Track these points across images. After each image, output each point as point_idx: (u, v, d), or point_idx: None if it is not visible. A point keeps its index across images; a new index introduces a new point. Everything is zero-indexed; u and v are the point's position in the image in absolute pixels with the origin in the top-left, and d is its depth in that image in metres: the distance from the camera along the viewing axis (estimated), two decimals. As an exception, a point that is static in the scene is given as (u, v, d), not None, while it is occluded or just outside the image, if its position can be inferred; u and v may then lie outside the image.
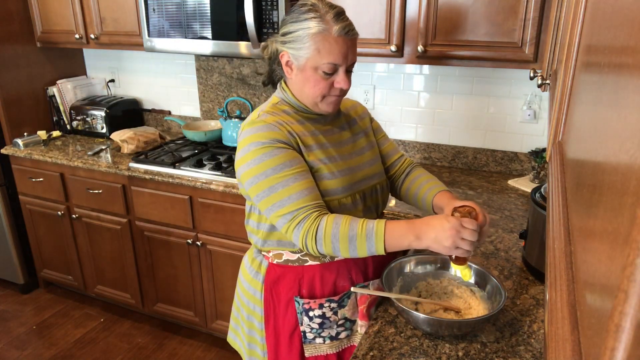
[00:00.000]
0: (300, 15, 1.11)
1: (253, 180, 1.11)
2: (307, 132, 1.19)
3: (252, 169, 1.10)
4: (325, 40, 1.08)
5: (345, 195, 1.18)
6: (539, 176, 2.05)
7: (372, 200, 1.27)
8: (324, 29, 1.08)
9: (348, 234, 1.05)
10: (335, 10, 1.10)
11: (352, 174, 1.22)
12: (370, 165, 1.28)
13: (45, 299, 2.97)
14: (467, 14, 1.79)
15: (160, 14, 2.29)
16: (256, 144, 1.10)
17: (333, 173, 1.17)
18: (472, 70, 2.17)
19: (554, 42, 1.19)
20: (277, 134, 1.12)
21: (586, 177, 0.41)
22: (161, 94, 2.98)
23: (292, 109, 1.21)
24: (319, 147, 1.18)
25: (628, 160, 0.25)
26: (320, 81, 1.13)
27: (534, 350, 1.10)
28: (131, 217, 2.48)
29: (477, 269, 1.27)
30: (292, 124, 1.17)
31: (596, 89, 0.43)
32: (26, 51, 2.78)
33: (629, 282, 0.22)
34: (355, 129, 1.31)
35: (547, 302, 0.44)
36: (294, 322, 1.24)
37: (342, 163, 1.21)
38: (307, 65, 1.12)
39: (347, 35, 1.10)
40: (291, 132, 1.15)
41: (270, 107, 1.20)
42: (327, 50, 1.09)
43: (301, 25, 1.10)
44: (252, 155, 1.10)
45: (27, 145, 2.67)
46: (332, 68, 1.11)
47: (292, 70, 1.16)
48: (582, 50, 0.61)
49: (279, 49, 1.16)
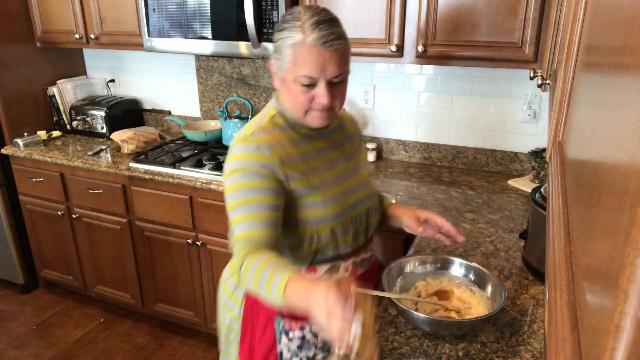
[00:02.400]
0: (282, 24, 1.06)
1: (228, 197, 1.09)
2: (301, 154, 1.13)
3: (230, 186, 1.08)
4: (300, 50, 1.02)
5: (337, 223, 1.14)
6: (539, 176, 2.05)
7: (362, 225, 1.22)
8: (299, 39, 1.02)
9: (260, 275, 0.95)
10: (315, 19, 1.02)
11: (345, 199, 1.17)
12: (362, 187, 1.23)
13: (45, 299, 2.97)
14: (467, 14, 1.79)
15: (160, 14, 2.29)
16: (240, 163, 1.07)
17: (325, 200, 1.13)
18: (472, 70, 2.17)
19: (554, 42, 1.19)
20: (265, 157, 1.07)
21: (586, 177, 0.41)
22: (161, 94, 2.98)
23: (287, 123, 1.15)
24: (312, 171, 1.13)
25: (628, 160, 0.25)
26: (299, 94, 1.06)
27: (534, 350, 1.10)
28: (131, 217, 2.48)
29: (477, 268, 1.27)
30: (287, 145, 1.11)
31: (596, 89, 0.43)
32: (26, 51, 2.78)
33: (629, 282, 0.22)
34: (350, 147, 1.26)
35: (547, 302, 0.44)
36: (272, 341, 1.19)
37: (336, 188, 1.16)
38: (287, 77, 1.07)
39: (323, 45, 1.01)
40: (282, 158, 1.09)
41: (267, 122, 1.13)
42: (302, 61, 1.03)
43: (282, 35, 1.05)
44: (233, 173, 1.07)
45: (27, 145, 2.67)
46: (309, 80, 1.04)
47: (277, 80, 1.12)
48: (582, 50, 0.61)
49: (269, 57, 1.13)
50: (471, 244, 1.59)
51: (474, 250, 1.55)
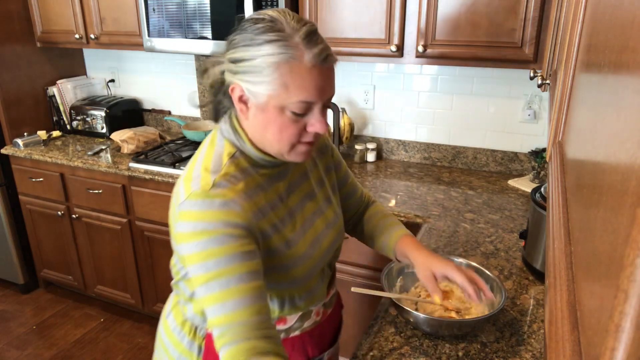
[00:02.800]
0: (256, 37, 0.81)
1: (193, 269, 0.85)
2: (272, 202, 0.93)
3: (194, 255, 0.83)
4: (295, 72, 0.81)
5: (311, 280, 1.00)
6: (539, 176, 2.05)
7: (329, 265, 1.10)
8: (292, 56, 0.80)
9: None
10: (305, 29, 0.82)
11: (317, 249, 1.00)
12: (334, 224, 1.06)
13: (45, 299, 2.97)
14: (467, 13, 1.79)
15: (160, 14, 2.29)
16: (203, 225, 0.82)
17: (298, 259, 0.94)
18: (472, 70, 2.17)
19: (554, 42, 1.19)
20: (236, 215, 0.84)
21: (586, 177, 0.41)
22: (161, 94, 2.98)
23: (253, 165, 0.92)
24: (282, 224, 0.94)
25: (628, 160, 0.25)
26: (288, 125, 0.85)
27: (534, 350, 1.10)
28: (131, 217, 2.48)
29: (477, 268, 1.27)
30: (255, 194, 0.89)
31: (596, 89, 0.43)
32: (26, 51, 2.78)
33: (629, 282, 0.22)
34: (316, 174, 1.06)
35: (547, 302, 0.44)
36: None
37: (311, 233, 0.99)
38: (269, 105, 0.83)
39: (323, 63, 0.82)
40: (255, 213, 0.87)
41: (229, 166, 0.88)
42: (297, 85, 0.81)
43: (259, 51, 0.80)
44: (197, 237, 0.83)
45: (27, 145, 2.67)
46: (304, 108, 0.84)
47: (247, 108, 0.86)
48: (582, 50, 0.61)
49: (229, 80, 0.86)
50: (471, 244, 1.59)
51: (474, 250, 1.55)
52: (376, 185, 2.09)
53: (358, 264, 1.94)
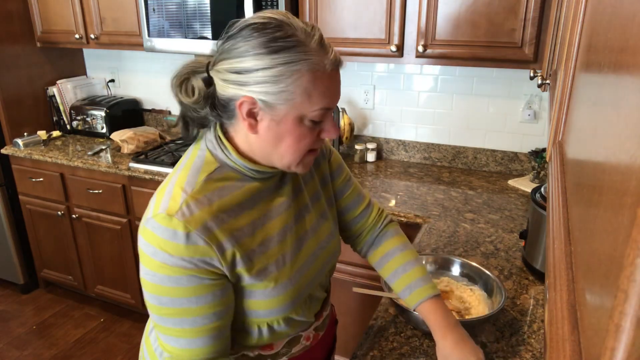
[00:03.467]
0: (268, 43, 0.74)
1: (146, 293, 0.80)
2: (254, 222, 0.84)
3: (148, 283, 0.79)
4: (318, 79, 0.76)
5: (294, 309, 0.90)
6: (539, 176, 2.05)
7: (322, 287, 1.01)
8: (314, 63, 0.75)
9: None
10: (317, 33, 0.78)
11: (303, 275, 0.90)
12: (327, 243, 0.97)
13: (45, 299, 2.97)
14: (467, 13, 1.79)
15: (160, 13, 2.29)
16: (163, 257, 0.76)
17: (281, 285, 0.85)
18: (472, 70, 2.17)
19: (554, 42, 1.19)
20: (199, 251, 0.76)
21: (586, 177, 0.41)
22: (161, 94, 2.98)
23: (238, 180, 0.84)
24: (268, 245, 0.85)
25: (628, 160, 0.25)
26: (306, 134, 0.80)
27: (534, 350, 1.10)
28: (131, 217, 2.48)
29: (477, 268, 1.27)
30: (230, 215, 0.80)
31: (596, 89, 0.43)
32: (26, 51, 2.78)
33: (629, 282, 0.22)
34: (312, 187, 0.98)
35: (547, 302, 0.44)
36: None
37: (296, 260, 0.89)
38: (289, 116, 0.77)
39: (338, 67, 0.80)
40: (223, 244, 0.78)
41: (203, 185, 0.80)
42: (320, 92, 0.76)
43: (276, 59, 0.74)
44: (154, 267, 0.77)
45: (27, 145, 2.67)
46: (323, 115, 0.79)
47: (257, 122, 0.79)
48: (582, 50, 0.61)
49: (234, 93, 0.77)
50: (471, 244, 1.59)
51: (474, 250, 1.55)
52: (376, 185, 2.09)
53: (358, 264, 1.94)
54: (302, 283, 0.90)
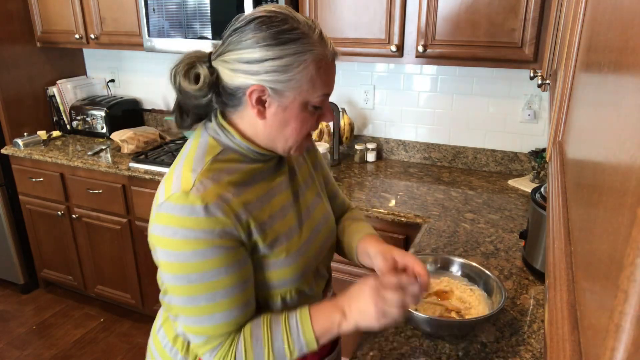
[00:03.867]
0: (276, 35, 0.80)
1: (171, 278, 0.82)
2: (259, 200, 0.89)
3: (174, 264, 0.80)
4: (321, 68, 0.83)
5: (303, 281, 0.95)
6: (539, 176, 2.05)
7: (325, 263, 1.06)
8: (318, 53, 0.83)
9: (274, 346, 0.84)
10: (318, 27, 0.86)
11: (308, 249, 0.96)
12: (326, 220, 1.04)
13: (45, 299, 2.97)
14: (467, 13, 1.79)
15: (160, 13, 2.29)
16: (185, 234, 0.78)
17: (290, 257, 0.91)
18: (472, 70, 2.17)
19: (554, 42, 1.19)
20: (220, 222, 0.79)
21: (586, 177, 0.41)
22: (161, 94, 2.98)
23: (241, 162, 0.89)
24: (272, 220, 0.90)
25: (628, 160, 0.25)
26: (308, 119, 0.87)
27: (534, 350, 1.10)
28: (131, 217, 2.48)
29: (477, 268, 1.27)
30: (241, 191, 0.85)
31: (596, 89, 0.43)
32: (26, 51, 2.78)
33: (629, 282, 0.22)
34: (305, 170, 1.04)
35: (547, 302, 0.44)
36: None
37: (302, 233, 0.95)
38: (295, 102, 0.84)
39: (335, 58, 0.88)
40: (239, 214, 0.82)
41: (210, 165, 0.84)
42: (322, 80, 0.85)
43: (285, 50, 0.80)
44: (177, 247, 0.79)
45: (27, 145, 2.67)
46: (323, 100, 0.88)
47: (265, 109, 0.85)
48: (582, 50, 0.61)
49: (244, 82, 0.83)
50: (471, 244, 1.59)
51: (474, 250, 1.55)
52: (376, 185, 2.09)
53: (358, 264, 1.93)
54: (309, 255, 0.96)
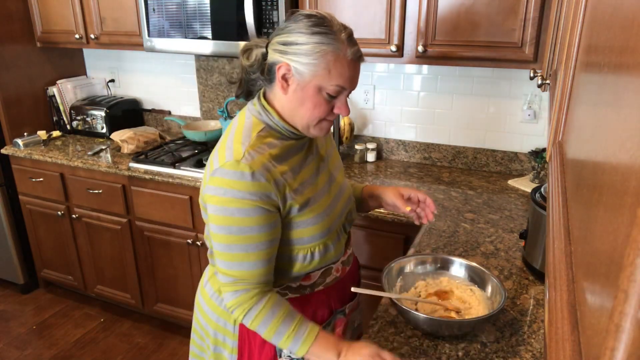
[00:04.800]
0: (310, 27, 0.99)
1: (216, 227, 1.03)
2: (292, 170, 1.08)
3: (220, 217, 1.01)
4: (338, 61, 1.00)
5: (329, 237, 1.13)
6: (539, 176, 2.05)
7: (344, 229, 1.23)
8: (338, 48, 0.99)
9: (278, 328, 1.03)
10: (348, 31, 1.02)
11: (333, 209, 1.16)
12: (343, 190, 1.23)
13: (45, 299, 2.97)
14: (467, 14, 1.79)
15: (160, 13, 2.29)
16: (234, 193, 0.98)
17: (319, 215, 1.10)
18: (472, 70, 2.17)
19: (554, 42, 1.19)
20: (262, 186, 0.99)
21: (586, 177, 0.41)
22: (161, 94, 2.98)
23: (278, 137, 1.08)
24: (304, 186, 1.09)
25: (628, 160, 0.25)
26: (322, 103, 1.03)
27: (534, 350, 1.10)
28: (131, 217, 2.48)
29: (477, 268, 1.27)
30: (278, 163, 1.04)
31: (596, 89, 0.43)
32: (26, 51, 2.78)
33: (629, 282, 0.22)
34: (323, 151, 1.22)
35: (547, 302, 0.44)
36: (272, 355, 1.17)
37: (325, 198, 1.14)
38: (311, 84, 1.01)
39: (358, 60, 1.04)
40: (278, 180, 1.02)
41: (256, 140, 1.04)
42: (338, 72, 1.00)
43: (312, 39, 0.99)
44: (225, 203, 0.99)
45: (27, 145, 2.67)
46: (338, 91, 1.03)
47: (288, 85, 1.03)
48: (582, 50, 0.61)
49: (277, 59, 1.02)
50: (471, 244, 1.59)
51: (474, 250, 1.55)
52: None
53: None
54: (333, 216, 1.15)
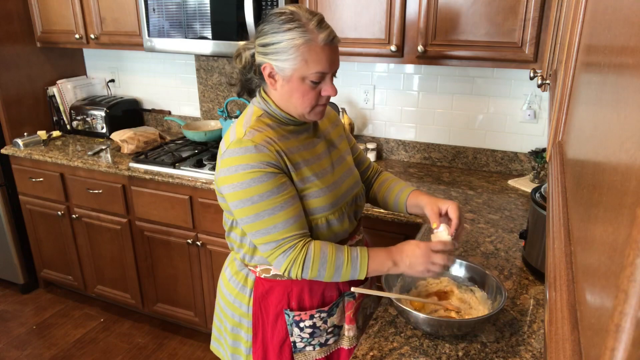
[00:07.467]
0: (281, 26, 1.07)
1: (238, 203, 1.10)
2: (292, 148, 1.16)
3: (238, 192, 1.09)
4: (312, 50, 1.07)
5: (332, 212, 1.18)
6: (539, 176, 2.05)
7: (352, 209, 1.28)
8: (309, 39, 1.06)
9: (335, 262, 1.11)
10: (316, 18, 1.08)
11: (337, 188, 1.21)
12: (350, 174, 1.28)
13: (45, 299, 2.97)
14: (467, 13, 1.79)
15: (160, 13, 2.29)
16: (244, 167, 1.08)
17: (321, 190, 1.16)
18: (472, 70, 2.17)
19: (554, 42, 1.19)
20: (266, 155, 1.09)
21: (586, 177, 0.41)
22: (161, 94, 2.98)
23: (276, 122, 1.17)
24: (305, 163, 1.17)
25: (628, 160, 0.25)
26: (308, 91, 1.11)
27: (534, 350, 1.10)
28: (131, 217, 2.48)
29: (477, 268, 1.27)
30: (278, 140, 1.14)
31: (596, 89, 0.43)
32: (26, 51, 2.78)
33: (629, 282, 0.22)
34: (331, 137, 1.29)
35: (547, 302, 0.44)
36: (284, 333, 1.25)
37: (329, 177, 1.20)
38: (294, 77, 1.09)
39: (332, 42, 1.09)
40: (279, 152, 1.12)
41: (255, 122, 1.14)
42: (314, 60, 1.07)
43: (284, 36, 1.07)
44: (239, 178, 1.08)
45: (27, 145, 2.67)
46: (319, 77, 1.10)
47: (276, 81, 1.12)
48: (582, 50, 0.61)
49: (261, 60, 1.12)
50: (471, 244, 1.59)
51: (474, 250, 1.55)
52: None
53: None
54: (338, 193, 1.21)
